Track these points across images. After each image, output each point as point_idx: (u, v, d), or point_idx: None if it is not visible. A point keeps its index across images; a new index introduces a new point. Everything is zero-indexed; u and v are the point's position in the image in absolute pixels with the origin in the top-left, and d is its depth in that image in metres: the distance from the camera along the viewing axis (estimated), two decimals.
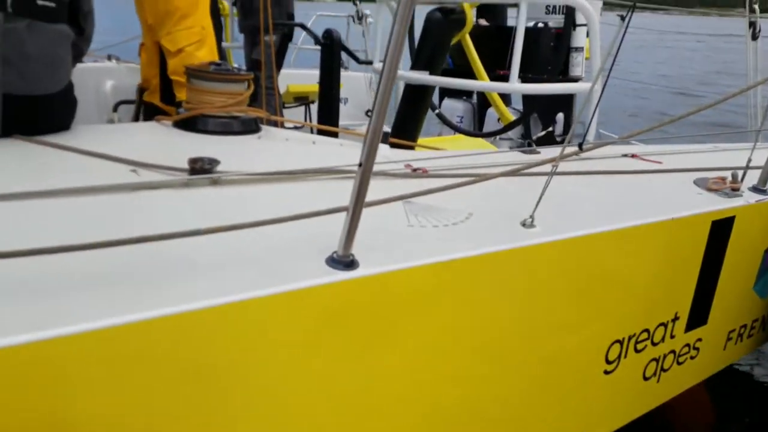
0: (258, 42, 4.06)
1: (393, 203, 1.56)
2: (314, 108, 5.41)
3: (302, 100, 5.37)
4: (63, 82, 2.05)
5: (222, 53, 3.17)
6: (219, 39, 3.18)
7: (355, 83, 5.90)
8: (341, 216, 1.23)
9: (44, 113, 2.00)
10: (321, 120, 3.90)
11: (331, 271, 1.23)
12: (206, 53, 2.79)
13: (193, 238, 1.19)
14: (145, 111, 3.22)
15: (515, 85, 2.17)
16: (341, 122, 4.06)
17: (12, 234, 1.26)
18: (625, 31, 1.39)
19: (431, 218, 1.55)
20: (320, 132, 3.10)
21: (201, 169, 1.66)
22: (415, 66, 2.89)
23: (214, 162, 1.69)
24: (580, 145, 1.91)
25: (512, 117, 3.18)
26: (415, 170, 1.94)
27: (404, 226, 1.52)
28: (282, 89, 4.83)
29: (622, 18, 1.39)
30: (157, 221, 1.39)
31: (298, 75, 5.67)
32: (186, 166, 1.69)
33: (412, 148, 2.66)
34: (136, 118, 4.11)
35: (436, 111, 3.17)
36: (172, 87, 2.85)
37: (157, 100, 3.01)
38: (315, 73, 5.80)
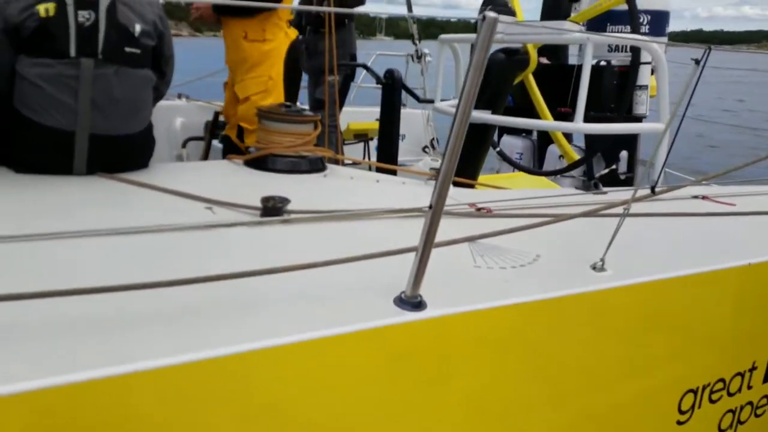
0: (322, 82, 4.20)
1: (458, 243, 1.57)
2: (373, 144, 5.52)
3: (362, 137, 5.48)
4: (144, 123, 2.18)
5: (295, 95, 3.31)
6: (298, 84, 3.32)
7: (412, 120, 5.98)
8: (407, 255, 1.25)
9: (126, 152, 2.13)
10: (381, 157, 3.96)
11: (399, 311, 1.24)
12: (270, 103, 2.93)
13: (266, 276, 1.23)
14: (224, 145, 3.38)
15: (581, 125, 2.16)
16: (399, 158, 4.12)
17: (93, 270, 1.32)
18: (699, 75, 1.38)
19: (498, 259, 1.55)
20: (379, 169, 3.15)
21: (273, 207, 1.71)
22: (478, 105, 2.91)
23: (284, 201, 1.74)
24: (652, 188, 1.88)
25: (575, 155, 3.16)
26: (479, 209, 1.94)
27: (470, 266, 1.52)
28: (343, 127, 4.95)
29: (697, 62, 1.38)
30: (233, 259, 1.45)
31: (358, 113, 5.80)
32: (258, 204, 1.75)
33: (473, 186, 2.66)
34: (205, 155, 4.29)
35: (497, 149, 3.18)
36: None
37: (234, 136, 3.16)
38: (374, 111, 5.94)
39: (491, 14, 1.03)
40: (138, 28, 2.04)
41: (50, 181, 1.97)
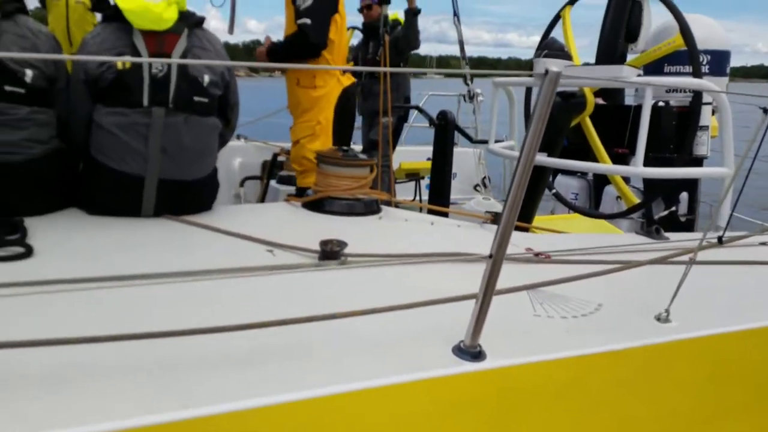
0: (376, 123, 4.30)
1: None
2: (424, 183, 5.56)
3: (413, 176, 5.53)
4: (209, 168, 2.27)
5: (349, 137, 3.41)
6: (352, 126, 3.41)
7: (464, 158, 6.01)
8: (466, 302, 1.24)
9: (191, 196, 2.21)
10: (433, 197, 3.98)
11: (458, 361, 1.23)
12: (318, 146, 3.01)
13: (325, 321, 1.25)
14: (298, 190, 3.50)
15: (642, 170, 2.12)
16: (451, 196, 4.13)
17: (160, 312, 1.37)
18: None
19: (558, 308, 1.53)
20: (431, 211, 3.16)
21: (331, 251, 1.75)
22: None
23: (342, 244, 1.77)
24: (720, 239, 1.82)
25: (634, 197, 3.10)
26: (537, 255, 1.92)
27: (530, 315, 1.50)
28: (394, 166, 5.02)
29: (765, 111, 1.35)
30: (293, 302, 1.48)
31: (410, 152, 5.87)
32: (317, 247, 1.79)
33: (527, 229, 2.64)
34: (263, 195, 4.41)
35: (553, 191, 3.15)
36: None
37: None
38: (425, 150, 6.00)
39: (554, 69, 1.05)
40: (207, 78, 2.14)
41: (120, 222, 2.07)
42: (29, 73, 1.96)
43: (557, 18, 2.69)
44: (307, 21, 2.92)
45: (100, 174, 2.08)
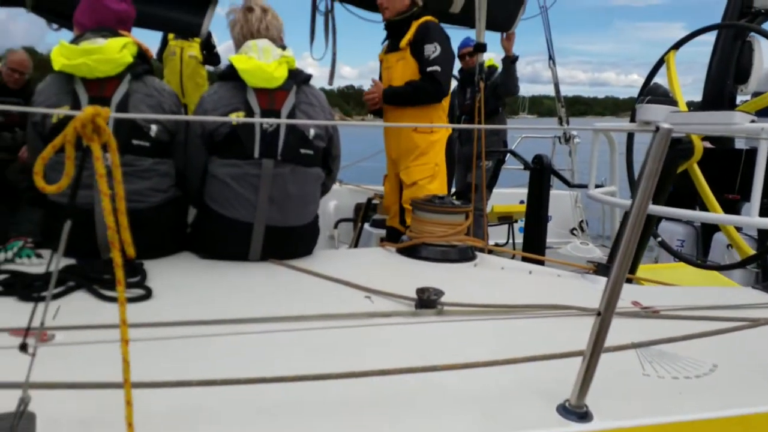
0: (473, 167, 4.32)
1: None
2: (517, 226, 5.48)
3: (506, 219, 5.47)
4: (312, 216, 2.37)
5: (450, 181, 3.48)
6: (452, 172, 3.48)
7: (560, 201, 5.87)
8: (570, 359, 1.21)
9: (295, 242, 2.32)
10: (527, 242, 3.92)
11: (563, 421, 1.20)
12: (437, 186, 3.09)
13: (425, 372, 1.25)
14: (387, 233, 3.57)
15: (758, 220, 1.98)
16: (546, 240, 4.04)
17: (266, 357, 1.41)
18: None
19: (669, 368, 1.45)
20: (525, 259, 3.11)
21: (428, 299, 1.76)
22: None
23: (439, 293, 1.78)
24: None
25: (748, 248, 2.90)
26: (644, 308, 1.84)
27: (639, 374, 1.43)
28: (487, 209, 5.00)
29: None
30: (391, 351, 1.49)
31: (502, 194, 5.82)
32: (413, 294, 1.81)
33: (631, 280, 2.53)
34: (357, 238, 4.51)
35: (659, 239, 3.01)
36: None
37: (396, 224, 3.33)
38: (518, 192, 5.93)
39: (665, 126, 1.03)
40: (312, 132, 2.25)
41: (229, 266, 2.19)
42: (154, 128, 2.14)
43: (661, 62, 2.62)
44: (438, 68, 3.06)
45: (213, 220, 2.22)
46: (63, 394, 1.04)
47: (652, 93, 2.47)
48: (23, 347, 0.93)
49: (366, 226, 4.61)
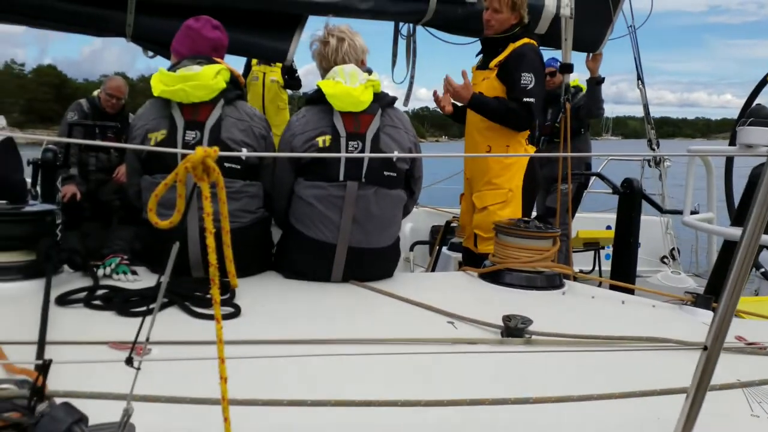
0: (553, 190, 4.20)
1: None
2: (603, 253, 5.26)
3: (592, 245, 5.27)
4: (393, 238, 2.37)
5: (531, 205, 3.37)
6: (534, 194, 3.38)
7: (649, 227, 5.59)
8: (670, 396, 1.13)
9: (376, 263, 2.32)
10: (616, 270, 3.74)
11: None
12: (509, 213, 2.99)
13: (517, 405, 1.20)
14: (463, 255, 3.51)
15: None
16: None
17: (349, 379, 1.41)
18: None
19: None
20: (613, 287, 2.96)
21: (515, 327, 1.70)
22: (738, 222, 2.63)
23: (527, 321, 1.72)
24: None
25: None
26: (749, 344, 1.71)
27: (746, 414, 1.33)
28: (572, 234, 4.84)
29: None
30: (477, 379, 1.45)
31: (588, 219, 5.62)
32: (498, 321, 1.76)
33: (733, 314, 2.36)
34: (434, 261, 4.47)
35: (761, 270, 2.80)
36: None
37: (471, 245, 3.27)
38: (605, 217, 5.71)
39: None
40: (396, 153, 2.26)
41: (312, 286, 2.22)
42: (245, 151, 2.22)
43: (764, 82, 2.46)
44: (533, 101, 3.01)
45: (297, 240, 2.27)
46: (161, 407, 1.07)
47: (755, 114, 2.32)
48: (129, 361, 0.97)
49: (444, 249, 4.56)
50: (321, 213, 2.21)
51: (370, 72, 2.29)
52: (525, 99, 3.02)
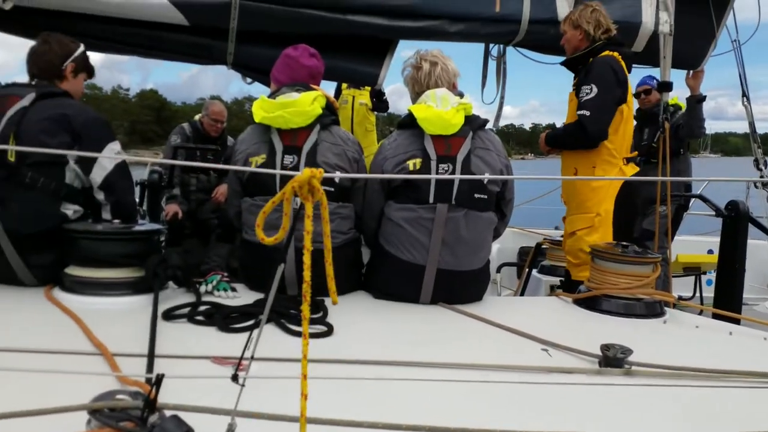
0: (651, 212, 4.01)
1: None
2: (704, 279, 4.96)
3: (692, 270, 4.97)
4: (483, 261, 2.35)
5: (630, 229, 3.23)
6: (633, 222, 3.25)
7: (755, 252, 5.21)
8: None
9: (466, 286, 2.31)
10: (719, 297, 3.51)
11: None
12: (597, 239, 2.87)
13: None
14: (563, 280, 3.41)
15: None
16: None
17: (436, 405, 1.38)
18: None
19: None
20: (716, 316, 2.77)
21: (614, 357, 1.63)
22: None
23: (627, 351, 1.65)
24: None
25: None
26: None
27: None
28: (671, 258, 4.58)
29: None
30: (574, 411, 1.40)
31: (688, 242, 5.33)
32: (595, 350, 1.69)
33: None
34: (524, 285, 4.37)
35: None
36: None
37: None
38: (707, 241, 5.38)
39: None
40: (487, 176, 2.25)
41: (401, 307, 2.23)
42: (338, 174, 2.28)
43: None
44: (586, 113, 2.89)
45: (387, 261, 2.30)
46: (262, 423, 1.11)
47: None
48: (234, 377, 1.01)
49: (534, 272, 4.45)
50: (410, 235, 2.22)
51: (461, 95, 2.30)
52: (578, 112, 2.92)
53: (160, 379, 0.98)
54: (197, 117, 4.86)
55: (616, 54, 3.00)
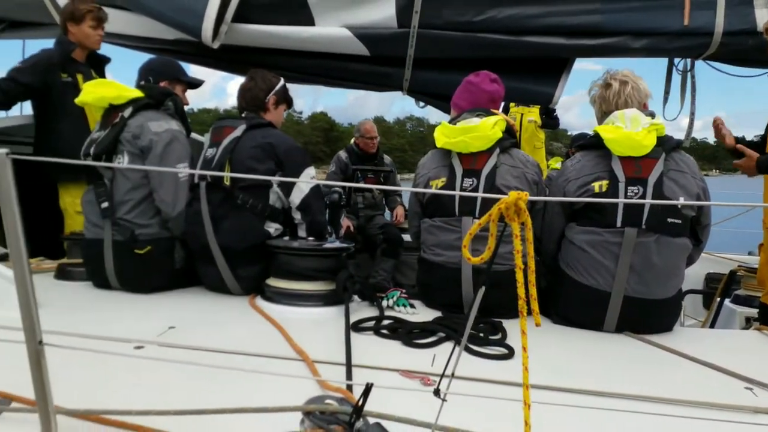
0: None
1: None
2: None
3: None
4: (675, 289, 2.20)
5: None
6: None
7: None
8: None
9: (655, 315, 2.17)
10: None
11: None
12: None
13: None
14: (760, 312, 3.08)
15: None
16: None
17: None
18: None
19: None
20: None
21: None
22: None
23: None
24: None
25: None
26: None
27: None
28: None
29: None
30: None
31: None
32: None
33: None
34: (715, 315, 3.99)
35: None
36: None
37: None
38: None
39: None
40: (682, 200, 2.12)
41: (582, 334, 2.17)
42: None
43: None
44: None
45: (568, 286, 2.24)
46: None
47: None
48: (436, 392, 1.08)
49: (727, 302, 4.05)
50: (595, 259, 2.16)
51: (653, 116, 2.20)
52: None
53: (369, 387, 1.07)
54: (352, 141, 5.16)
55: None
